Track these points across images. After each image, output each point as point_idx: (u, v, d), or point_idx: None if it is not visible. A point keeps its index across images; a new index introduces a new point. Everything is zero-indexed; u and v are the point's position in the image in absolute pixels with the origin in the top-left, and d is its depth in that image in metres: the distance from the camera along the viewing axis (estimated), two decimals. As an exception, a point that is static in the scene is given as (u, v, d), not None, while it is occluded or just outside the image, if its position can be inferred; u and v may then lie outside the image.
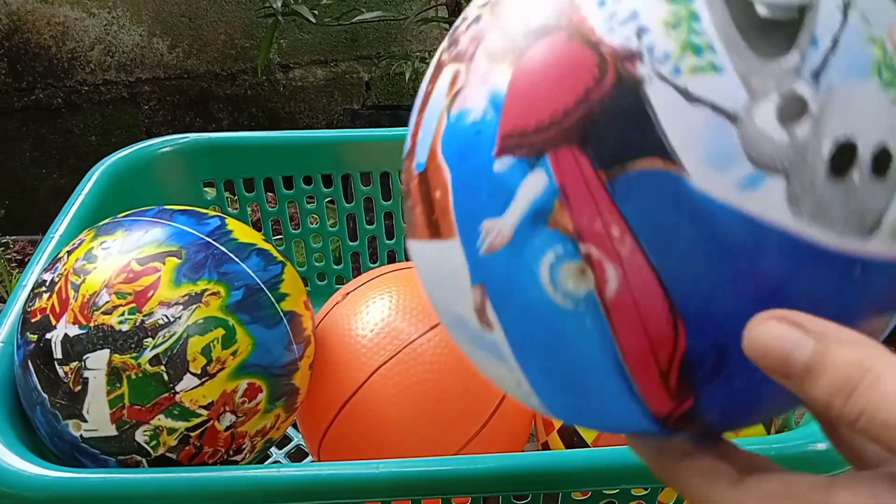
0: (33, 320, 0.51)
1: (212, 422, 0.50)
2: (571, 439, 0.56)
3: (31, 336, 0.50)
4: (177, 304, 0.49)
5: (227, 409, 0.50)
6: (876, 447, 0.23)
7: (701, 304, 0.24)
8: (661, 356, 0.25)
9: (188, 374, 0.48)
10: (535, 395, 0.28)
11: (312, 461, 0.65)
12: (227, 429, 0.51)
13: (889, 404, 0.20)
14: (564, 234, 0.24)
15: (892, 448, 0.20)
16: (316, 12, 1.24)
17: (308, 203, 0.84)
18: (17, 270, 1.27)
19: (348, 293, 0.62)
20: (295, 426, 0.76)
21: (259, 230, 0.78)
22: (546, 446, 0.60)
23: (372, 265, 0.86)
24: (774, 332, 0.22)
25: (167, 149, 0.79)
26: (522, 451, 0.60)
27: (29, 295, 0.53)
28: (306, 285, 0.85)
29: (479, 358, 0.30)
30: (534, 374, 0.28)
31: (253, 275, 0.53)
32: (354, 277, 0.80)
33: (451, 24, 1.34)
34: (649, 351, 0.25)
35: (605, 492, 0.49)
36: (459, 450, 0.56)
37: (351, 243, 0.86)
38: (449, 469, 0.46)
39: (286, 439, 0.77)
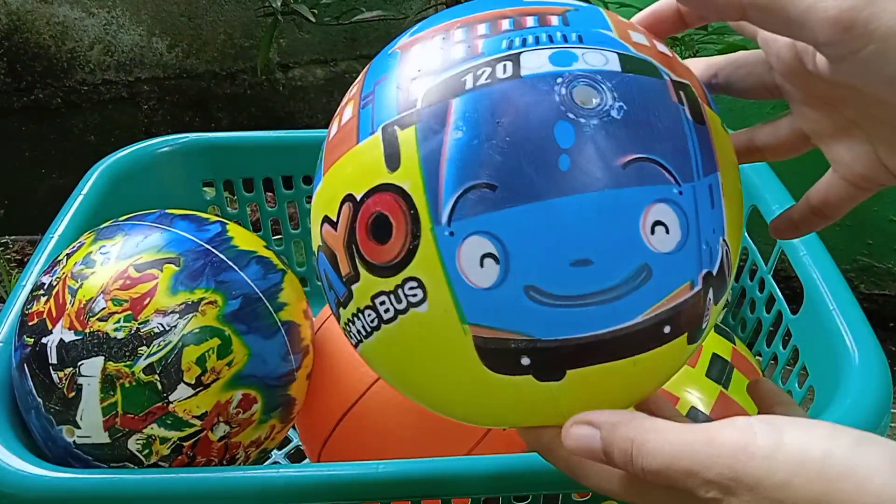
0: (30, 323, 0.50)
1: (205, 432, 0.49)
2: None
3: (28, 339, 0.50)
4: (173, 312, 0.48)
5: (221, 419, 0.50)
6: None
7: None
8: None
9: (182, 384, 0.48)
10: None
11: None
12: (221, 439, 0.50)
13: (653, 461, 0.28)
14: None
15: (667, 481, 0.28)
16: (315, 11, 1.24)
17: (308, 203, 0.83)
18: (16, 270, 1.27)
19: None
20: (295, 427, 0.76)
21: (258, 230, 0.78)
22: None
23: (372, 265, 0.86)
24: (576, 434, 0.31)
25: (166, 149, 0.79)
26: (522, 453, 0.60)
27: (27, 297, 0.53)
28: (306, 285, 0.85)
29: None
30: None
31: (251, 284, 0.52)
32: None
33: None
34: None
35: (605, 493, 0.49)
36: (461, 456, 0.55)
37: (351, 243, 0.86)
38: (449, 470, 0.46)
39: (286, 440, 0.77)
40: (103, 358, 0.47)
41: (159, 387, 0.48)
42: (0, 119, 1.49)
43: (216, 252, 0.52)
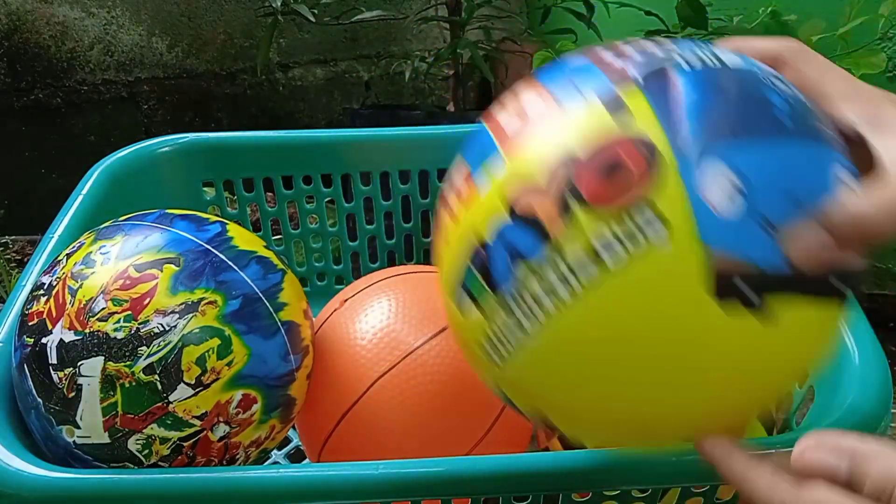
0: (30, 323, 0.50)
1: (205, 432, 0.49)
2: (573, 445, 0.56)
3: (28, 339, 0.50)
4: (173, 312, 0.48)
5: (221, 419, 0.50)
6: None
7: None
8: None
9: (182, 384, 0.48)
10: None
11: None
12: (221, 439, 0.50)
13: None
14: None
15: None
16: (315, 11, 1.24)
17: (308, 203, 0.83)
18: (16, 270, 1.28)
19: (346, 300, 0.61)
20: (295, 427, 0.76)
21: (258, 230, 0.78)
22: (546, 451, 0.60)
23: (372, 265, 0.86)
24: (817, 458, 0.32)
25: (166, 149, 0.78)
26: (522, 453, 0.60)
27: (27, 297, 0.53)
28: (305, 286, 0.85)
29: None
30: None
31: (251, 283, 0.52)
32: (354, 277, 0.80)
33: (451, 23, 1.34)
34: None
35: (605, 493, 0.49)
36: (461, 458, 0.55)
37: (351, 243, 0.86)
38: (449, 470, 0.46)
39: (286, 440, 0.77)
40: (103, 358, 0.47)
41: (159, 387, 0.48)
42: (0, 119, 1.49)
43: (216, 252, 0.52)
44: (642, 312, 0.34)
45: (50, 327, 0.49)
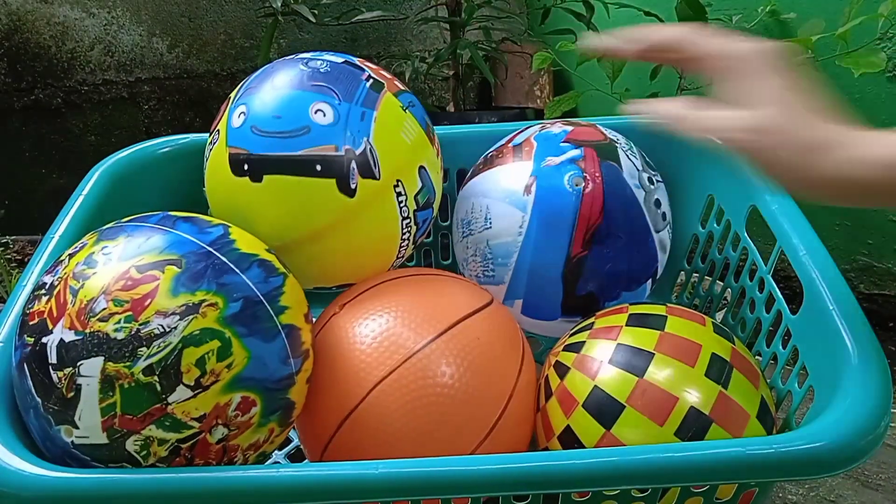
0: (31, 323, 0.50)
1: (203, 434, 0.49)
2: (572, 445, 0.56)
3: (28, 339, 0.50)
4: (173, 314, 0.48)
5: (220, 422, 0.49)
6: None
7: None
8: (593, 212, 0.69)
9: (181, 386, 0.48)
10: (526, 231, 0.69)
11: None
12: (219, 442, 0.50)
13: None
14: (580, 167, 0.69)
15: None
16: (316, 12, 1.24)
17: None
18: (16, 270, 1.27)
19: (344, 304, 0.61)
20: (295, 428, 0.76)
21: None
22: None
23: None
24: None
25: (167, 149, 0.79)
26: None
27: (28, 297, 0.53)
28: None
29: (504, 210, 0.70)
30: (535, 217, 0.69)
31: (253, 286, 0.52)
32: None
33: (451, 24, 1.34)
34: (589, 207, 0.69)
35: (605, 493, 0.49)
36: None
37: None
38: (448, 470, 0.46)
39: (286, 440, 0.77)
40: (103, 358, 0.47)
41: (158, 388, 0.48)
42: (0, 119, 1.49)
43: (218, 254, 0.52)
44: (216, 173, 0.64)
45: (50, 327, 0.49)
